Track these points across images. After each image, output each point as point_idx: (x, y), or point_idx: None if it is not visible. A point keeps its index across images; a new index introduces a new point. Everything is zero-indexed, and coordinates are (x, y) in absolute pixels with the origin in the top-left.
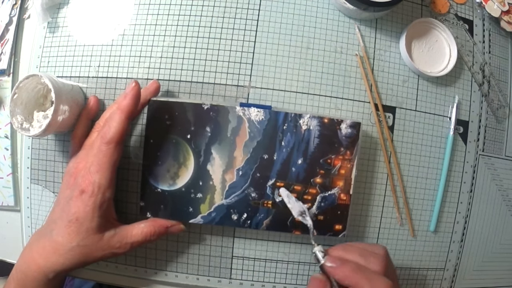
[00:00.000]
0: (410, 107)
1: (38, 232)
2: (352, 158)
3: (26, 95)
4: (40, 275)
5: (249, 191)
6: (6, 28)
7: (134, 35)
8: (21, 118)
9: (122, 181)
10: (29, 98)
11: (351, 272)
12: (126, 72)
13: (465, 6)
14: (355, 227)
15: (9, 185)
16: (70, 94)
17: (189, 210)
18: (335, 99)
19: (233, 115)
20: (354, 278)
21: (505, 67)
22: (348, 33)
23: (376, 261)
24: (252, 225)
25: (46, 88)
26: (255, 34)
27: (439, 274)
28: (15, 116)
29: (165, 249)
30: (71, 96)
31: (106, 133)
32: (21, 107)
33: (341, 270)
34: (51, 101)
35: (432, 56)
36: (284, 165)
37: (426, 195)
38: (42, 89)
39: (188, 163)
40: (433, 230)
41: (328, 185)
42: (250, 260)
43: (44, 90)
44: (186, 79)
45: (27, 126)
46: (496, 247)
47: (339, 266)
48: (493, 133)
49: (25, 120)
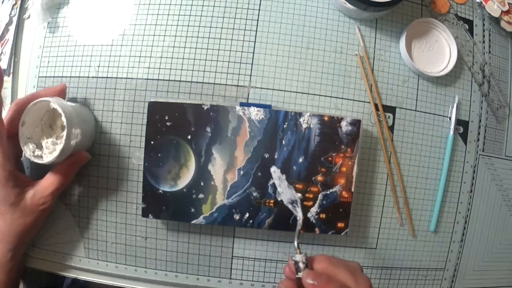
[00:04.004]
0: (410, 107)
1: None
2: (353, 156)
3: (32, 121)
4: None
5: (250, 191)
6: (6, 28)
7: (134, 35)
8: (33, 146)
9: (122, 181)
10: (37, 124)
11: None
12: (126, 72)
13: (465, 6)
14: (355, 227)
15: None
16: (80, 117)
17: (191, 211)
18: (335, 99)
19: (233, 115)
20: None
21: (505, 67)
22: (348, 33)
23: (364, 283)
24: (254, 225)
25: (53, 112)
26: (255, 34)
27: (439, 274)
28: (27, 144)
29: (165, 249)
30: (81, 119)
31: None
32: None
33: None
34: (61, 126)
35: (432, 56)
36: (285, 163)
37: (426, 195)
38: (50, 114)
39: (189, 163)
40: (433, 230)
41: (330, 183)
42: (250, 260)
43: (52, 114)
44: (186, 79)
45: (39, 154)
46: (496, 247)
47: (323, 285)
48: (493, 133)
49: (37, 148)
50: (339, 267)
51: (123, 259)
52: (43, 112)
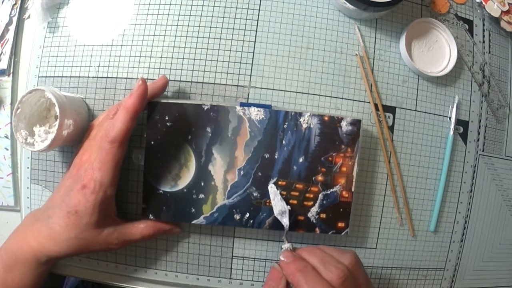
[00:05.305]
0: (410, 107)
1: (34, 214)
2: (353, 156)
3: (29, 109)
4: (32, 258)
5: (251, 191)
6: (6, 28)
7: (134, 35)
8: (25, 133)
9: (122, 181)
10: (32, 112)
11: (295, 270)
12: (126, 72)
13: (465, 6)
14: (355, 227)
15: (9, 185)
16: (73, 108)
17: (191, 211)
18: (335, 99)
19: (234, 115)
20: (296, 277)
21: (505, 67)
22: (348, 33)
23: (334, 270)
24: (255, 225)
25: (49, 101)
26: (255, 34)
27: (439, 274)
28: (19, 131)
29: (165, 249)
30: (75, 110)
31: (110, 131)
32: (25, 121)
33: (288, 266)
34: (55, 116)
35: (432, 56)
36: (286, 163)
37: (426, 195)
38: (45, 103)
39: (189, 164)
40: (433, 230)
41: (330, 183)
42: (250, 260)
43: (47, 103)
44: (186, 79)
45: (31, 141)
46: (496, 247)
47: (289, 262)
48: (493, 133)
49: (29, 135)
50: (316, 256)
51: (123, 258)
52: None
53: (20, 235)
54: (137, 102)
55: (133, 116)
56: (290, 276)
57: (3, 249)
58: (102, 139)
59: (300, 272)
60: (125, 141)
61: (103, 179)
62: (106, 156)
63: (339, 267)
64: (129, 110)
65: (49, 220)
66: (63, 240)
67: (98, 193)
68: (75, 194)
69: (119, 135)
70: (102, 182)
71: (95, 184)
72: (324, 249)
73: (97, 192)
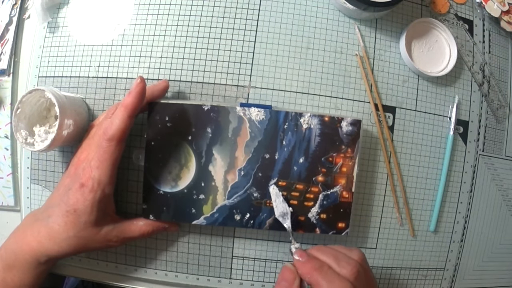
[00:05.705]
0: (410, 107)
1: (34, 214)
2: (354, 156)
3: (29, 109)
4: (32, 258)
5: (251, 191)
6: (6, 28)
7: (134, 35)
8: (25, 133)
9: (122, 181)
10: (32, 112)
11: (312, 269)
12: (126, 72)
13: (465, 6)
14: (355, 227)
15: (9, 185)
16: (73, 108)
17: (191, 212)
18: (335, 99)
19: (234, 115)
20: (314, 276)
21: (505, 67)
22: (348, 33)
23: (347, 266)
24: (255, 225)
25: (49, 101)
26: (255, 34)
27: (439, 274)
28: (19, 131)
29: (165, 249)
30: (75, 110)
31: (108, 129)
32: (25, 121)
33: (304, 266)
34: (55, 116)
35: (432, 56)
36: (286, 164)
37: (426, 195)
38: (45, 103)
39: (189, 164)
40: (433, 230)
41: (330, 183)
42: (250, 260)
43: (47, 103)
44: (186, 79)
45: (31, 141)
46: (496, 247)
47: (304, 262)
48: (493, 133)
49: (29, 135)
50: (327, 253)
51: (123, 258)
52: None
53: (20, 235)
54: (135, 100)
55: (131, 114)
56: (308, 275)
57: (3, 248)
58: (100, 137)
59: (317, 270)
60: (123, 139)
61: (101, 177)
62: (104, 154)
63: (351, 263)
64: (127, 108)
65: (48, 220)
66: (62, 239)
67: (96, 191)
68: (74, 192)
69: (117, 133)
70: (100, 180)
71: (93, 182)
72: (333, 247)
73: (95, 191)
